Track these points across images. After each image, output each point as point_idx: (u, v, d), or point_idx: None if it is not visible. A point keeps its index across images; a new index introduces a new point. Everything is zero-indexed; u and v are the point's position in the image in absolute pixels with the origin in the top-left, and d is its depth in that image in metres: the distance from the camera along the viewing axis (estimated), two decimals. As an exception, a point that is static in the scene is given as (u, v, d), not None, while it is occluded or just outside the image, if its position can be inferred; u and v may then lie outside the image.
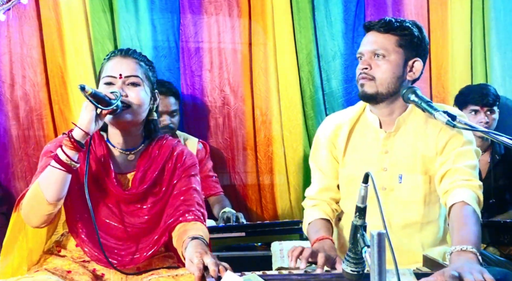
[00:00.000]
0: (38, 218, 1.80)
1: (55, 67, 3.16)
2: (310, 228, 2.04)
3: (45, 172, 1.79)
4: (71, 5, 3.15)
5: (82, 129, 1.77)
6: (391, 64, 1.97)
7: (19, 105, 3.18)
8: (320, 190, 2.11)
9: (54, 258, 1.93)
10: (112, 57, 1.95)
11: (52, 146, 1.92)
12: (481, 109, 3.02)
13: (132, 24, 3.22)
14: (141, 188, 1.94)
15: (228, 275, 1.53)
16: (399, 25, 1.99)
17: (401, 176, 2.00)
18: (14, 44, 3.14)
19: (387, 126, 2.04)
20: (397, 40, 1.98)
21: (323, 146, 2.11)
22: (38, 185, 1.77)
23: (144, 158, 1.98)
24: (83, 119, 1.78)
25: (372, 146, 2.04)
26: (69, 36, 3.14)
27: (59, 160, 1.76)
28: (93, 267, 1.92)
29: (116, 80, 1.89)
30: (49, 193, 1.76)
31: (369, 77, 1.98)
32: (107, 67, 1.93)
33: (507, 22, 3.30)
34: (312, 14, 3.27)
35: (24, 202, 1.80)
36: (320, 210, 2.09)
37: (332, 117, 2.19)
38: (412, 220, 2.01)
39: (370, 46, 2.00)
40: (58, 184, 1.77)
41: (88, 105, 1.78)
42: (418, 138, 2.01)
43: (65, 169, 1.76)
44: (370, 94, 1.99)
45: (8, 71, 3.16)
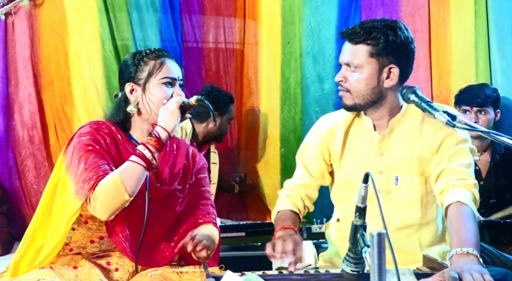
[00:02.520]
0: (112, 210, 1.82)
1: (59, 68, 3.17)
2: (278, 216, 2.06)
3: (126, 167, 1.82)
4: (75, 6, 3.16)
5: (168, 132, 1.85)
6: (364, 75, 1.92)
7: (23, 106, 3.18)
8: (299, 185, 2.12)
9: (61, 257, 1.93)
10: (162, 57, 1.98)
11: (88, 140, 1.90)
12: (471, 109, 3.05)
13: (136, 23, 3.23)
14: (173, 184, 1.99)
15: (228, 275, 1.53)
16: (369, 35, 1.90)
17: (397, 178, 2.00)
18: (19, 45, 3.15)
19: (381, 129, 2.02)
20: (368, 50, 1.91)
21: (315, 146, 2.10)
22: (119, 179, 1.79)
23: (164, 156, 2.02)
24: (170, 123, 1.85)
25: (368, 148, 2.03)
26: (73, 37, 3.15)
27: (143, 157, 1.81)
28: (107, 261, 1.94)
29: (176, 82, 1.97)
30: (131, 188, 1.80)
31: (345, 89, 1.97)
32: (165, 68, 1.96)
33: (508, 22, 3.30)
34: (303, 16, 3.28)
35: (100, 194, 1.80)
36: (293, 202, 2.10)
37: (326, 118, 2.17)
38: (410, 221, 2.00)
39: (344, 58, 1.96)
40: (139, 180, 1.83)
41: (175, 112, 1.86)
42: (414, 139, 2.00)
43: (147, 166, 1.82)
44: (350, 106, 1.99)
45: (13, 72, 3.16)
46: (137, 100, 1.97)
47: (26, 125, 3.19)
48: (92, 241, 1.95)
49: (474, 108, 3.04)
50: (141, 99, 1.97)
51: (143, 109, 1.97)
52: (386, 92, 1.96)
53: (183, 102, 1.89)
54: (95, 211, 1.83)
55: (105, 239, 1.95)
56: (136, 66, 1.98)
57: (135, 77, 1.98)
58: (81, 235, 1.95)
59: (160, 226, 1.98)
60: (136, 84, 1.98)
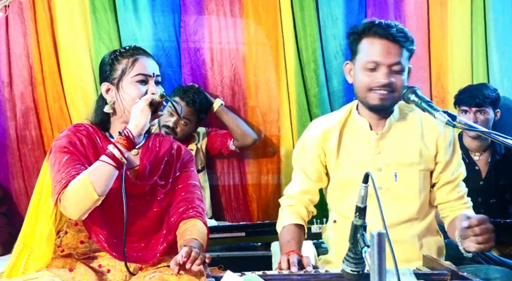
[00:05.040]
0: (82, 210, 1.82)
1: (51, 66, 3.16)
2: (283, 235, 2.05)
3: (96, 167, 1.81)
4: (68, 3, 3.15)
5: (138, 130, 1.83)
6: (405, 77, 1.98)
7: (16, 105, 3.18)
8: (301, 192, 2.12)
9: (54, 259, 1.93)
10: (136, 55, 1.97)
11: (63, 142, 1.92)
12: (469, 109, 3.04)
13: (133, 22, 3.22)
14: (152, 179, 1.98)
15: (228, 275, 1.53)
16: (408, 40, 1.97)
17: (396, 174, 2.02)
18: (11, 43, 3.14)
19: (377, 128, 2.06)
20: (407, 55, 1.98)
21: (311, 150, 2.11)
22: (88, 179, 1.79)
23: (146, 153, 2.01)
24: (140, 122, 1.83)
25: (364, 148, 2.05)
26: (66, 35, 3.14)
27: (113, 157, 1.80)
28: (98, 263, 1.93)
29: (150, 78, 1.96)
30: (100, 188, 1.79)
31: (389, 90, 1.96)
32: (138, 65, 1.95)
33: (506, 22, 3.30)
34: (316, 12, 3.27)
35: (70, 194, 1.80)
36: (297, 213, 2.10)
37: (318, 122, 2.17)
38: (409, 215, 2.03)
39: (390, 59, 1.95)
40: (109, 179, 1.81)
41: (145, 109, 1.84)
42: (413, 135, 2.04)
43: (116, 166, 1.81)
44: (387, 106, 2.01)
45: (6, 70, 3.16)
46: (113, 99, 1.97)
47: (19, 125, 3.19)
48: (81, 241, 1.96)
49: (473, 108, 3.04)
50: (116, 99, 1.96)
51: (118, 109, 1.97)
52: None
53: (153, 99, 1.87)
54: (66, 211, 1.83)
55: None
56: (110, 65, 1.98)
57: (110, 77, 1.97)
58: (71, 236, 1.97)
59: (145, 222, 1.97)
60: (111, 83, 1.97)
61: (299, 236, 2.04)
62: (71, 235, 1.97)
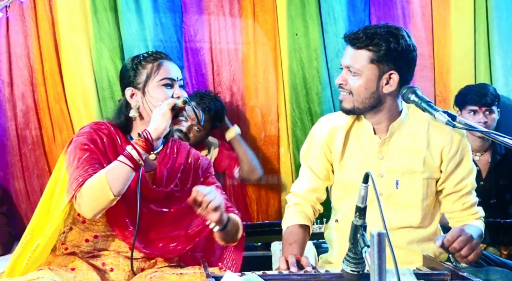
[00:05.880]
0: (97, 209, 1.82)
1: (52, 66, 3.16)
2: (286, 236, 2.05)
3: (113, 166, 1.82)
4: (69, 4, 3.15)
5: (158, 133, 1.84)
6: (363, 80, 1.94)
7: (17, 105, 3.18)
8: (308, 190, 2.11)
9: (57, 257, 1.94)
10: (159, 59, 1.99)
11: (85, 139, 1.92)
12: (479, 109, 3.01)
13: (134, 22, 3.22)
14: (168, 186, 1.99)
15: (228, 275, 1.54)
16: (371, 41, 1.92)
17: (397, 182, 2.00)
18: (12, 43, 3.14)
19: (380, 133, 2.03)
20: (369, 57, 1.92)
21: (318, 147, 2.10)
22: (105, 178, 1.79)
23: (164, 159, 2.02)
24: (160, 125, 1.85)
25: (368, 151, 2.04)
26: (66, 35, 3.14)
27: (130, 157, 1.81)
28: (102, 262, 1.94)
29: (175, 82, 1.98)
30: (116, 188, 1.79)
31: (347, 92, 1.98)
32: (163, 69, 1.97)
33: (509, 21, 3.29)
34: (318, 9, 3.26)
35: (86, 193, 1.80)
36: (303, 212, 2.09)
37: (327, 119, 2.17)
38: (410, 224, 2.02)
39: (345, 61, 1.98)
40: (125, 180, 1.81)
41: (166, 114, 1.85)
42: (417, 143, 2.01)
43: (134, 167, 1.81)
44: (348, 109, 2.01)
45: (6, 70, 3.16)
46: (138, 104, 1.99)
47: (19, 124, 3.19)
48: (86, 240, 1.96)
49: (483, 108, 2.99)
50: (142, 103, 1.98)
51: (144, 113, 1.99)
52: (385, 97, 1.97)
53: (175, 104, 1.89)
54: (80, 209, 1.83)
55: (99, 238, 1.96)
56: (134, 70, 1.99)
57: (135, 81, 1.99)
58: (76, 234, 1.97)
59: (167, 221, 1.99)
60: (135, 88, 1.99)
61: (303, 238, 2.04)
62: (76, 232, 1.97)
